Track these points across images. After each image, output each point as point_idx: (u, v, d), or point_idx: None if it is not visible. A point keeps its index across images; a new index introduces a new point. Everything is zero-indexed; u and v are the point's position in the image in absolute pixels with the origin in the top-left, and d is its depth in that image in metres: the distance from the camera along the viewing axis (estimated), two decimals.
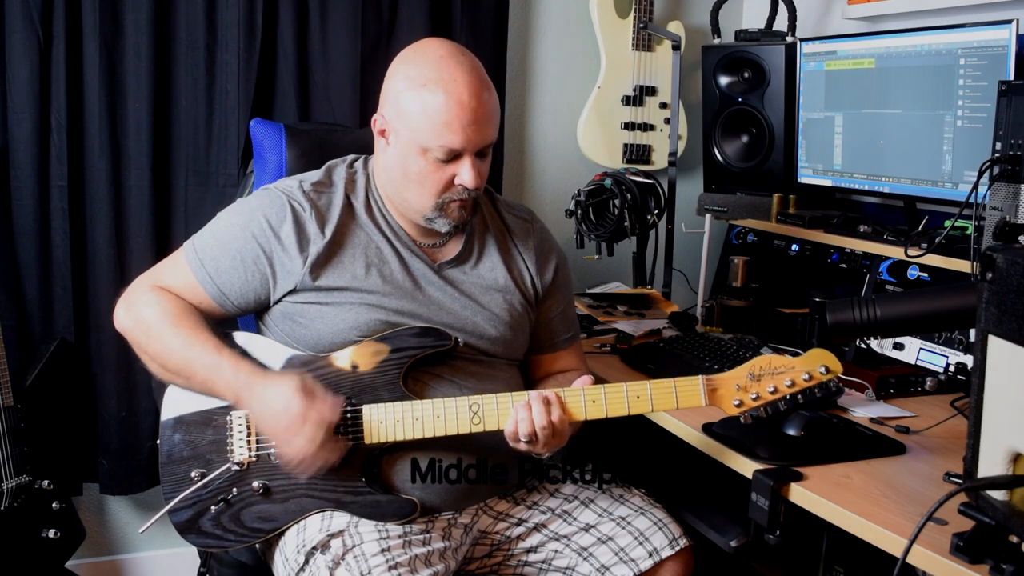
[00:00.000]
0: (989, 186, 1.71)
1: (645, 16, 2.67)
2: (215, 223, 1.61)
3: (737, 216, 2.59)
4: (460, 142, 1.49)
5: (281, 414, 1.42)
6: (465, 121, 1.48)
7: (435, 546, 1.51)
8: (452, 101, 1.48)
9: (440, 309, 1.61)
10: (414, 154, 1.52)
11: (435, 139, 1.49)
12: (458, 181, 1.53)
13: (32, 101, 2.10)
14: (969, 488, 1.09)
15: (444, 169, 1.52)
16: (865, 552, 1.49)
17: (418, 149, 1.51)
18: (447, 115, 1.48)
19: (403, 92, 1.52)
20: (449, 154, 1.51)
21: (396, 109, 1.53)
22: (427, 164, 1.52)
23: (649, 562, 1.58)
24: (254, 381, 1.46)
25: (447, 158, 1.51)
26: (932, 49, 2.06)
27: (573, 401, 1.48)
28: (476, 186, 1.54)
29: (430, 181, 1.53)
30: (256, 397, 1.45)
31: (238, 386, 1.47)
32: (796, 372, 1.43)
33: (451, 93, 1.48)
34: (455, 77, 1.49)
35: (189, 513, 1.54)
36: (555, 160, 2.78)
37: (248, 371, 1.48)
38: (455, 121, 1.48)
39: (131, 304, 1.55)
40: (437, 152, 1.50)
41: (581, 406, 1.48)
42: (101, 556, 2.44)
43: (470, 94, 1.49)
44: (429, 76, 1.49)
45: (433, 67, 1.50)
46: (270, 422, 1.45)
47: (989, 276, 1.06)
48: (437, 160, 1.51)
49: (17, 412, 1.99)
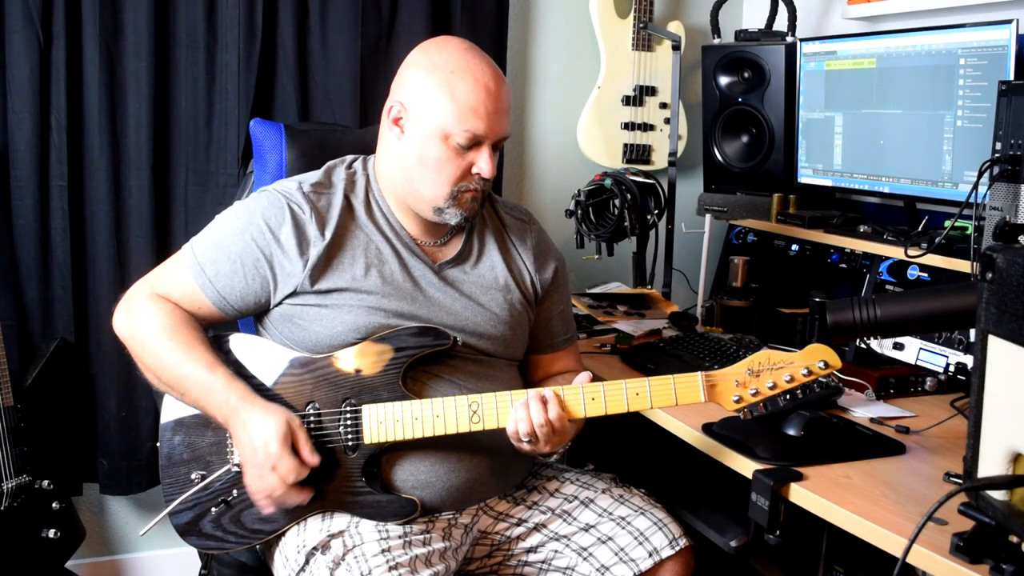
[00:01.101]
0: (989, 186, 1.71)
1: (645, 16, 2.67)
2: (214, 226, 1.60)
3: (737, 216, 2.59)
4: (484, 128, 1.51)
5: (258, 450, 1.43)
6: (491, 108, 1.51)
7: (435, 546, 1.51)
8: (480, 87, 1.51)
9: (440, 309, 1.61)
10: (434, 139, 1.53)
11: (460, 124, 1.50)
12: (475, 170, 1.55)
13: (32, 101, 2.10)
14: (969, 488, 1.09)
15: (463, 156, 1.54)
16: (865, 552, 1.49)
17: (440, 134, 1.52)
18: (475, 100, 1.50)
19: (427, 78, 1.53)
20: (471, 140, 1.52)
21: (418, 95, 1.54)
22: (447, 150, 1.53)
23: (649, 562, 1.58)
24: (242, 407, 1.45)
25: (469, 144, 1.52)
26: (932, 49, 2.06)
27: (572, 399, 1.48)
28: (492, 176, 1.56)
29: (448, 168, 1.54)
30: (241, 424, 1.45)
31: (228, 410, 1.46)
32: (795, 367, 1.43)
33: (479, 80, 1.51)
34: (481, 67, 1.53)
35: (190, 515, 1.54)
36: (555, 160, 2.78)
37: (239, 395, 1.47)
38: (481, 107, 1.50)
39: (130, 311, 1.55)
40: (460, 137, 1.51)
41: (580, 403, 1.48)
42: (101, 556, 2.44)
43: (495, 84, 1.53)
44: (456, 64, 1.52)
45: (459, 56, 1.53)
46: (247, 452, 1.45)
47: (989, 276, 1.06)
48: (458, 146, 1.52)
49: (17, 412, 1.99)
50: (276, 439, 1.42)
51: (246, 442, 1.44)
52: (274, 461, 1.42)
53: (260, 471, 1.44)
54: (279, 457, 1.42)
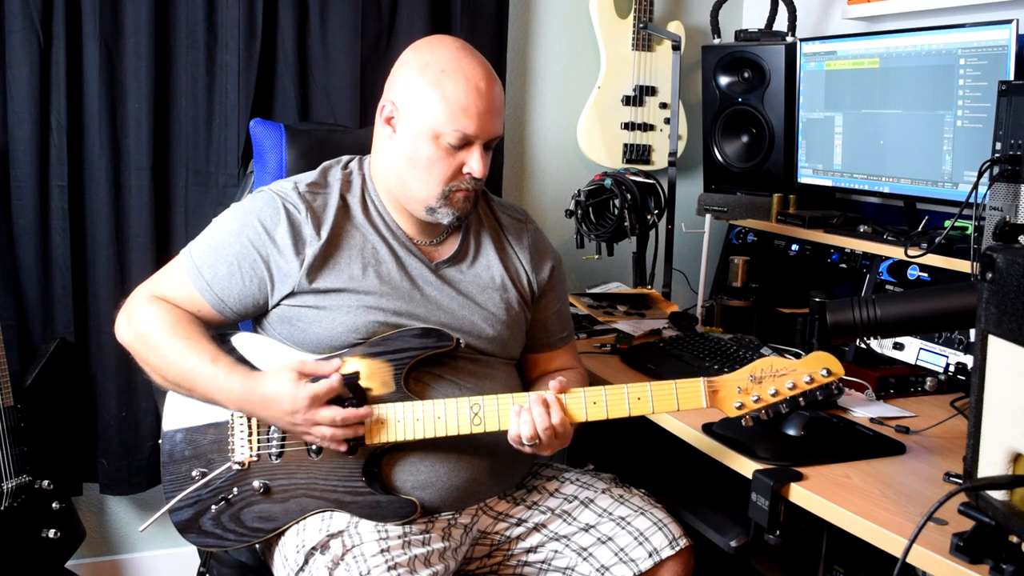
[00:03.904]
0: (989, 186, 1.71)
1: (645, 16, 2.67)
2: (211, 229, 1.60)
3: (737, 216, 2.59)
4: (475, 128, 1.51)
5: (291, 415, 1.44)
6: (482, 108, 1.51)
7: (435, 546, 1.51)
8: (471, 87, 1.50)
9: (438, 308, 1.61)
10: (425, 139, 1.53)
11: (451, 123, 1.50)
12: (466, 169, 1.54)
13: (32, 101, 2.10)
14: (969, 488, 1.09)
15: (454, 156, 1.54)
16: (865, 552, 1.49)
17: (431, 134, 1.52)
18: (465, 100, 1.50)
19: (418, 78, 1.53)
20: (462, 140, 1.52)
21: (409, 94, 1.54)
22: (437, 150, 1.53)
23: (649, 562, 1.58)
24: (251, 390, 1.46)
25: (459, 144, 1.52)
26: (932, 49, 2.06)
27: (574, 403, 1.48)
28: (483, 175, 1.55)
29: (438, 168, 1.54)
30: (260, 403, 1.46)
31: (237, 395, 1.47)
32: (798, 374, 1.43)
33: (470, 80, 1.51)
34: (472, 67, 1.53)
35: (189, 512, 1.54)
36: (555, 160, 2.78)
37: (242, 377, 1.47)
38: (472, 107, 1.50)
39: (131, 315, 1.55)
40: (450, 137, 1.51)
41: (582, 408, 1.48)
42: (101, 556, 2.44)
43: (486, 84, 1.53)
44: (448, 64, 1.52)
45: (451, 56, 1.53)
46: (285, 424, 1.47)
47: (989, 276, 1.06)
48: (448, 146, 1.52)
49: (17, 412, 1.99)
50: (293, 399, 1.42)
51: (276, 416, 1.46)
52: (313, 417, 1.43)
53: (307, 429, 1.45)
54: (307, 410, 1.43)
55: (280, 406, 1.44)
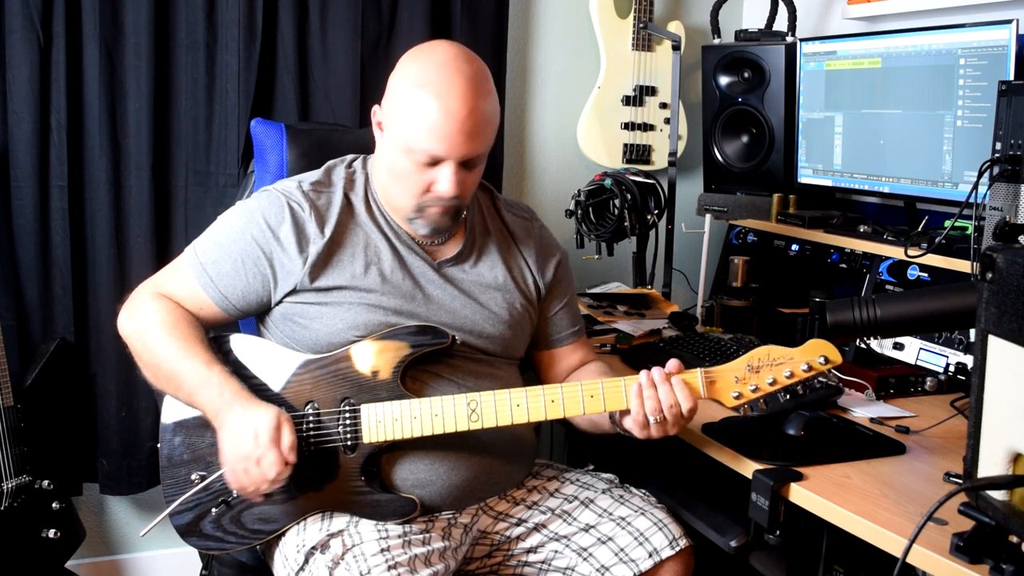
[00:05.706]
0: (989, 186, 1.71)
1: (645, 16, 2.67)
2: (215, 227, 1.61)
3: (737, 216, 2.59)
4: (443, 150, 1.49)
5: (247, 441, 1.41)
6: (450, 131, 1.47)
7: (435, 546, 1.51)
8: (440, 108, 1.47)
9: (439, 308, 1.61)
10: (400, 151, 1.52)
11: (418, 142, 1.49)
12: (434, 188, 1.53)
13: (32, 101, 2.10)
14: (969, 488, 1.09)
15: (425, 172, 1.52)
16: (865, 552, 1.49)
17: (404, 148, 1.51)
18: (433, 121, 1.47)
19: (401, 89, 1.52)
20: (431, 159, 1.50)
21: (392, 104, 1.54)
22: (410, 164, 1.52)
23: (649, 562, 1.58)
24: (236, 401, 1.45)
25: (429, 162, 1.51)
26: (932, 49, 2.06)
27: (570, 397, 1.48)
28: (453, 195, 1.52)
29: (410, 182, 1.54)
30: (233, 417, 1.43)
31: (220, 403, 1.45)
32: (795, 363, 1.43)
33: (442, 100, 1.47)
34: (452, 84, 1.48)
35: (190, 516, 1.54)
36: (555, 160, 2.78)
37: (233, 391, 1.46)
38: (439, 129, 1.47)
39: (133, 311, 1.56)
40: (419, 155, 1.50)
41: (579, 402, 1.47)
42: (101, 556, 2.44)
43: (461, 104, 1.47)
44: (427, 78, 1.49)
45: (434, 70, 1.50)
46: (235, 444, 1.43)
47: (989, 276, 1.06)
48: (419, 162, 1.51)
49: (17, 412, 1.99)
50: (266, 431, 1.40)
51: (236, 433, 1.42)
52: (261, 453, 1.40)
53: (246, 464, 1.41)
54: (266, 449, 1.40)
55: (253, 421, 1.41)
